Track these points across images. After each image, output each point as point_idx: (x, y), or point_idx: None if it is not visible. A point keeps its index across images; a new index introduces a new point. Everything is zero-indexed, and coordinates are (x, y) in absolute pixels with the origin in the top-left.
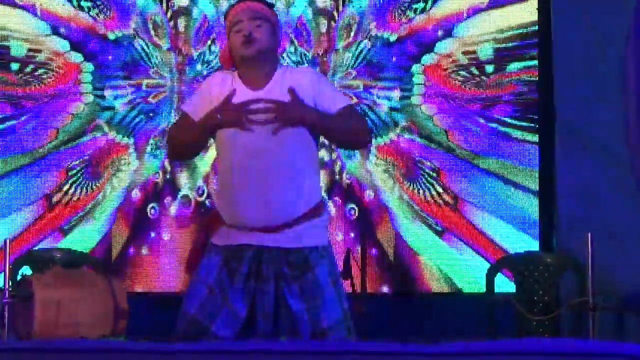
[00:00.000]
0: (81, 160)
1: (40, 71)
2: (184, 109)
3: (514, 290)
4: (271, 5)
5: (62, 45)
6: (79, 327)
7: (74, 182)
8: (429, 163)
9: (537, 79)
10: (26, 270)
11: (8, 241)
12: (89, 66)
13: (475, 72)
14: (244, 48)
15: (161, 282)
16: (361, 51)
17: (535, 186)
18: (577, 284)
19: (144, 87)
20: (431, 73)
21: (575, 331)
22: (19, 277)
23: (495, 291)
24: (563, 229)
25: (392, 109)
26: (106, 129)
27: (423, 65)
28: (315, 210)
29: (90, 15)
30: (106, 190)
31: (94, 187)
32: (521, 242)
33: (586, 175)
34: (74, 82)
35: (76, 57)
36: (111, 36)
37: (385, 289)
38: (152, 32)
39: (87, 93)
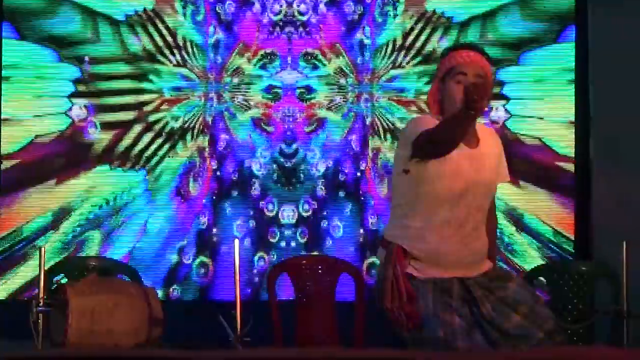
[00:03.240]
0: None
1: None
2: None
3: (549, 299)
4: (491, 60)
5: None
6: (114, 335)
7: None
8: None
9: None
10: (61, 278)
11: (44, 249)
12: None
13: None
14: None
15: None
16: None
17: (571, 193)
18: (612, 292)
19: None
20: None
21: (609, 339)
22: (53, 285)
23: None
24: (598, 237)
25: None
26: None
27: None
28: None
29: None
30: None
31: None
32: (556, 250)
33: (622, 184)
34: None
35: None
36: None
37: None
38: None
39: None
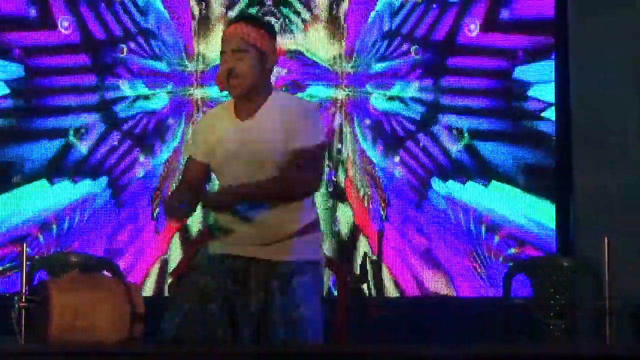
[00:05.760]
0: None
1: None
2: (187, 152)
3: (531, 295)
4: (263, 25)
5: None
6: (96, 332)
7: None
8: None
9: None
10: (43, 274)
11: (25, 245)
12: None
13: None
14: (228, 86)
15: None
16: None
17: (551, 190)
18: (594, 288)
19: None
20: None
21: (592, 335)
22: (35, 281)
23: (512, 295)
24: (580, 232)
25: None
26: None
27: None
28: (306, 227)
29: None
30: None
31: None
32: (538, 246)
33: (603, 179)
34: None
35: None
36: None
37: (401, 293)
38: None
39: None
